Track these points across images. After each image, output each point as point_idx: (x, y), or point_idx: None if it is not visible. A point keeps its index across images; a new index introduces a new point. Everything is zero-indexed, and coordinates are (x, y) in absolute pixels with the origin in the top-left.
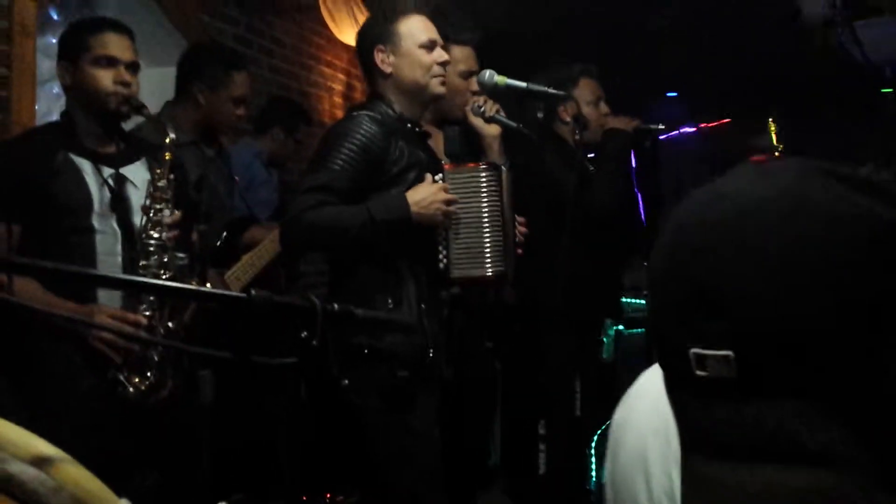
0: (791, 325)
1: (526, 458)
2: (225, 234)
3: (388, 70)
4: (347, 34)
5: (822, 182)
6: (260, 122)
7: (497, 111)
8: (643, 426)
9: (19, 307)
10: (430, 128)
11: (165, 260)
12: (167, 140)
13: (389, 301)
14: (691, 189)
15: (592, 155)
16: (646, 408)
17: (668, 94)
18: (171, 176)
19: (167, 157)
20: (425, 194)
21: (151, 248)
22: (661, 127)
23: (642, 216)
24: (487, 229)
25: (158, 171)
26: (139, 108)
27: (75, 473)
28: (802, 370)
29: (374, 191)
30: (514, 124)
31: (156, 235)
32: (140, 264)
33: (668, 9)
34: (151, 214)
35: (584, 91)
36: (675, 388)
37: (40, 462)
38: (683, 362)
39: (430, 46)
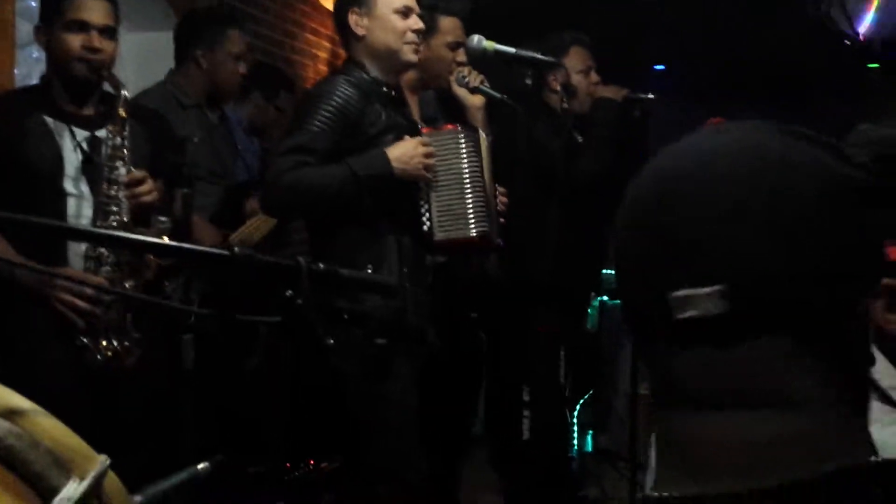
0: (758, 267)
1: (510, 424)
2: (228, 197)
3: (361, 32)
4: (332, 1)
5: (779, 136)
6: (239, 89)
7: (481, 82)
8: None
9: None
10: (410, 96)
11: (125, 219)
12: (121, 97)
13: (369, 265)
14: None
15: (581, 124)
16: None
17: (656, 68)
18: (126, 133)
19: (121, 115)
20: (405, 149)
21: (112, 209)
22: (651, 97)
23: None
24: (469, 190)
25: (112, 128)
26: (100, 71)
27: (51, 427)
28: (780, 309)
29: (351, 153)
30: (498, 95)
31: (112, 194)
32: (96, 224)
33: None
34: (108, 173)
35: (575, 60)
36: (650, 342)
37: (14, 415)
38: (662, 309)
39: (405, 13)
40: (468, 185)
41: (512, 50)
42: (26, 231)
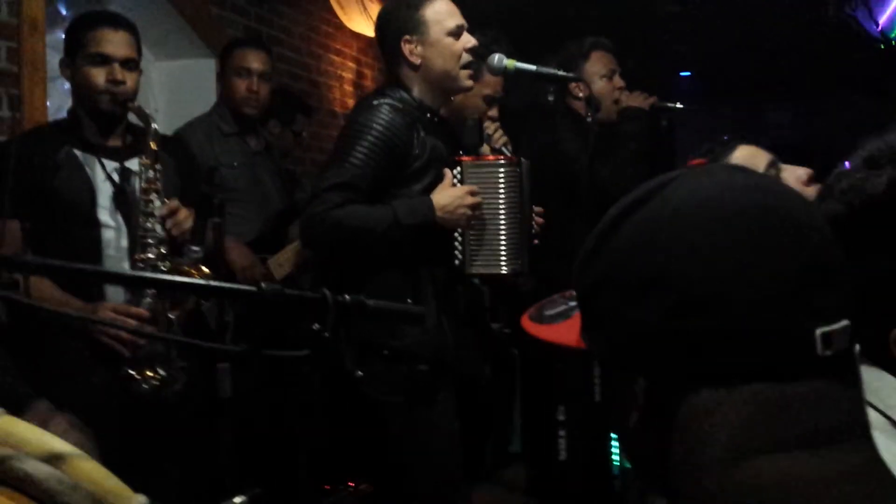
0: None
1: (546, 444)
2: (270, 224)
3: (417, 61)
4: (356, 22)
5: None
6: (258, 105)
7: (504, 144)
8: None
9: (30, 307)
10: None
11: (163, 251)
12: (151, 129)
13: (408, 298)
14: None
15: (608, 133)
16: None
17: (682, 74)
18: (158, 165)
19: (152, 147)
20: (451, 199)
21: (148, 241)
22: (679, 106)
23: None
24: (504, 226)
25: (144, 160)
26: (124, 104)
27: (90, 470)
28: (866, 345)
29: (395, 185)
30: (523, 160)
31: (149, 226)
32: (136, 257)
33: None
34: (143, 206)
35: (597, 64)
36: (787, 381)
37: (55, 459)
38: (807, 348)
39: (457, 33)
40: (503, 221)
41: (532, 67)
42: (66, 274)
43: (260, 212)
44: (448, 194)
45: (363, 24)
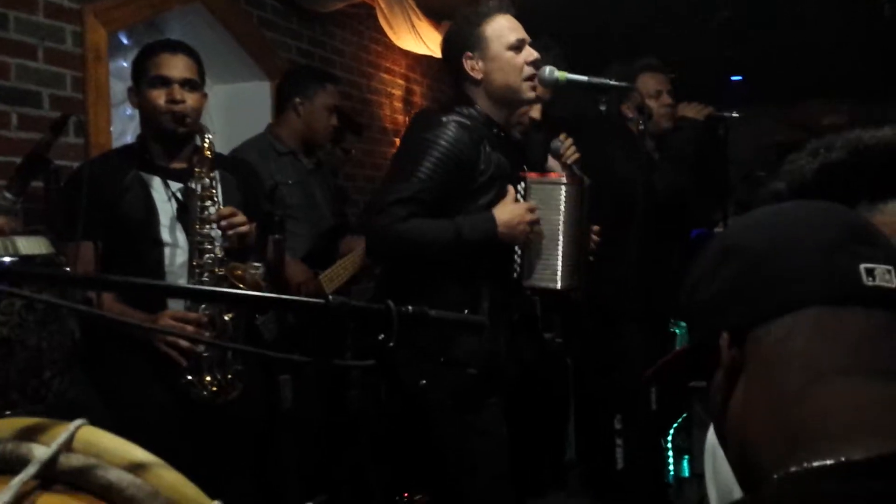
0: None
1: (603, 453)
2: (321, 240)
3: (479, 76)
4: (405, 40)
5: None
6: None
7: (575, 161)
8: None
9: (101, 319)
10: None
11: (219, 255)
12: (206, 140)
13: (465, 308)
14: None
15: (661, 143)
16: None
17: (733, 78)
18: (213, 174)
19: (207, 156)
20: (513, 215)
21: (205, 246)
22: (735, 115)
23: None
24: (562, 243)
25: (199, 170)
26: (182, 120)
27: (170, 478)
28: None
29: (460, 200)
30: (587, 180)
31: (205, 232)
32: (194, 263)
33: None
34: (199, 212)
35: (646, 84)
36: (841, 304)
37: (136, 468)
38: (853, 277)
39: (518, 47)
40: (562, 239)
41: (584, 78)
42: (130, 289)
43: (312, 228)
44: (510, 210)
45: (412, 43)
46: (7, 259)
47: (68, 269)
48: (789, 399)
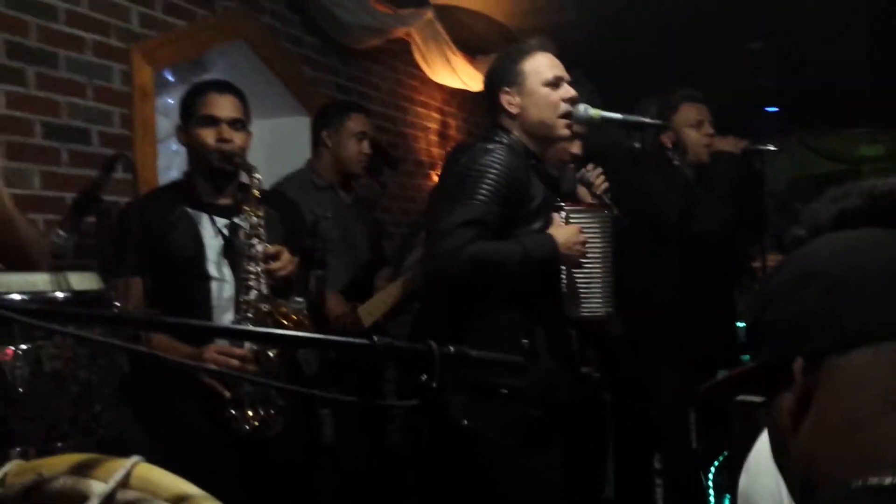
0: None
1: (642, 492)
2: (359, 273)
3: (515, 111)
4: (440, 74)
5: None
6: (365, 166)
7: (604, 191)
8: (768, 497)
9: (148, 356)
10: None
11: (265, 292)
12: (255, 179)
13: (525, 341)
14: (799, 209)
15: (700, 176)
16: (768, 478)
17: (768, 110)
18: (261, 213)
19: (255, 195)
20: (569, 235)
21: (250, 283)
22: (772, 148)
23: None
24: (601, 269)
25: (248, 208)
26: (230, 158)
27: None
28: None
29: (515, 224)
30: (615, 208)
31: (251, 269)
32: (240, 300)
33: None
34: (247, 250)
35: (686, 114)
36: None
37: (184, 501)
38: None
39: (555, 83)
40: (600, 265)
41: (619, 116)
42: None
43: (350, 262)
44: (564, 231)
45: (447, 77)
46: (60, 294)
47: (117, 303)
48: (864, 423)
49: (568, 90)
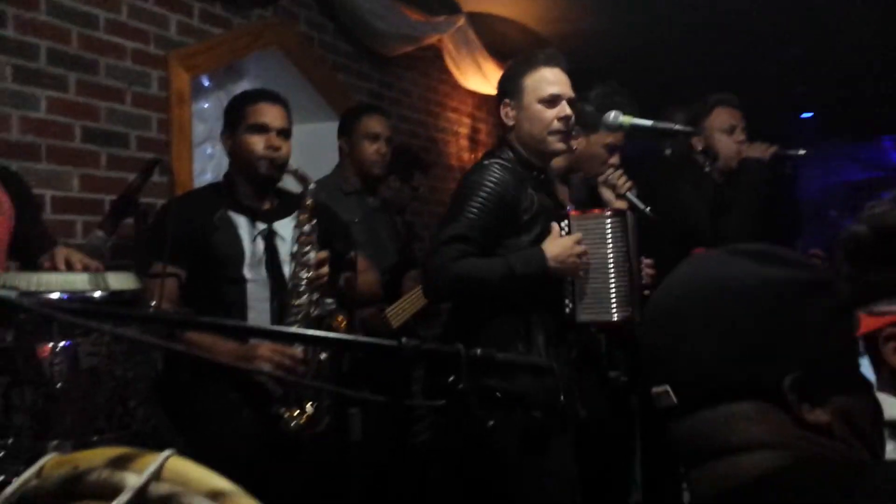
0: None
1: (670, 495)
2: (386, 276)
3: (511, 123)
4: (471, 80)
5: (738, 261)
6: (384, 166)
7: (629, 189)
8: None
9: (193, 357)
10: (559, 183)
11: (315, 298)
12: (308, 188)
13: (521, 347)
14: (831, 214)
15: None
16: None
17: (803, 116)
18: (314, 221)
19: (309, 204)
20: (562, 248)
21: (301, 289)
22: (802, 153)
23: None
24: (613, 275)
25: (302, 216)
26: (281, 167)
27: None
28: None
29: (506, 236)
30: (642, 205)
31: (304, 276)
32: (293, 303)
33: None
34: (300, 257)
35: (719, 119)
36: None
37: (218, 496)
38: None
39: (551, 101)
40: (612, 271)
41: (649, 123)
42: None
43: (377, 264)
44: (558, 244)
45: (478, 82)
46: (98, 293)
47: (153, 302)
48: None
49: (563, 108)
